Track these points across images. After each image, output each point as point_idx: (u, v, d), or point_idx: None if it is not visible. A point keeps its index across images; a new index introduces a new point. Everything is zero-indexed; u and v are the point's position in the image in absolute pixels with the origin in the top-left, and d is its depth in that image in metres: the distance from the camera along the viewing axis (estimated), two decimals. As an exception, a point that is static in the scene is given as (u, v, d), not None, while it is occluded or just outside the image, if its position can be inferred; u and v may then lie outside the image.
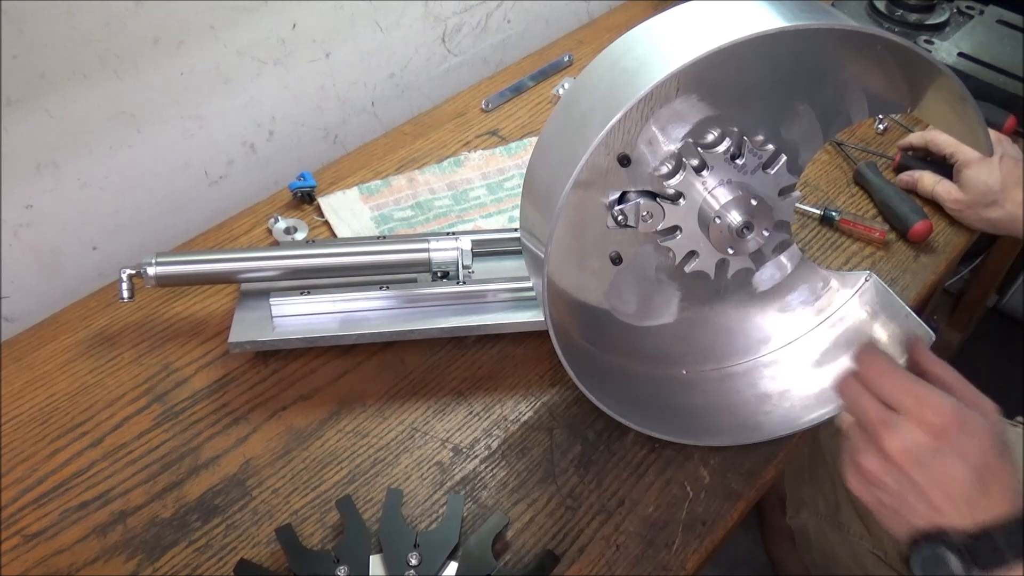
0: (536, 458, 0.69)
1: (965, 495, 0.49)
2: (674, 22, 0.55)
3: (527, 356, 0.76)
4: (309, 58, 0.95)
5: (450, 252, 0.75)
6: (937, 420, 0.49)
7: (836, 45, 0.59)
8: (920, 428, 0.49)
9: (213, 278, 0.76)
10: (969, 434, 0.49)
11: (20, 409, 0.72)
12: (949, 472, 0.49)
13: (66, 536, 0.63)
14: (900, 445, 0.50)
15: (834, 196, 0.93)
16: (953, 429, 0.49)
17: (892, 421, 0.51)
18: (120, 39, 0.77)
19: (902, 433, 0.50)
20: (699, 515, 0.65)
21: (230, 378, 0.74)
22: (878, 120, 1.02)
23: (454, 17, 1.08)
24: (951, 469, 0.49)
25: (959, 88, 0.56)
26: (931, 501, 0.50)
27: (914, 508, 0.50)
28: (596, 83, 0.56)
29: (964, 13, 1.13)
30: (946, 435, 0.49)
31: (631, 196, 0.62)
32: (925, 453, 0.49)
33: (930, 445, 0.49)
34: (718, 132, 0.61)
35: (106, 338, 0.78)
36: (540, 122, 1.03)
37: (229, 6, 0.84)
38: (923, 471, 0.49)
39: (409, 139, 1.01)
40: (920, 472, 0.49)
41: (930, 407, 0.50)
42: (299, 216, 0.89)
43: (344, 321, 0.74)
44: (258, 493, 0.66)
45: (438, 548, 0.60)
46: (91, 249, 0.86)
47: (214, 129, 0.90)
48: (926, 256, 0.86)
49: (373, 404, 0.72)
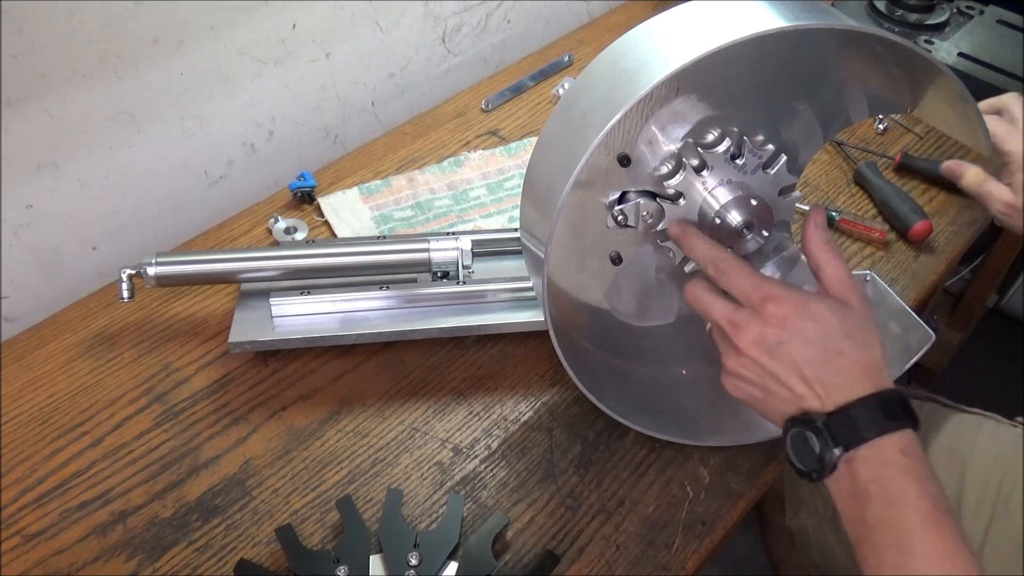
0: (536, 458, 0.69)
1: (818, 378, 0.52)
2: (674, 22, 0.55)
3: (527, 356, 0.76)
4: (309, 58, 0.95)
5: (450, 252, 0.75)
6: (778, 311, 0.52)
7: (836, 45, 0.59)
8: (763, 321, 0.53)
9: (213, 278, 0.76)
10: (812, 320, 0.52)
11: (20, 409, 0.72)
12: (798, 357, 0.52)
13: (66, 536, 0.63)
14: (748, 339, 0.53)
15: (834, 196, 0.93)
16: (794, 318, 0.52)
17: (738, 319, 0.54)
18: (120, 39, 0.77)
19: (748, 328, 0.54)
20: (699, 515, 0.65)
21: (230, 378, 0.74)
22: (878, 120, 1.02)
23: (454, 17, 1.08)
24: (799, 354, 0.52)
25: (959, 88, 0.56)
26: (790, 387, 0.53)
27: (778, 395, 0.54)
28: (596, 83, 0.56)
29: (964, 13, 1.13)
30: (787, 324, 0.52)
31: (631, 196, 0.62)
32: (772, 343, 0.53)
33: (775, 335, 0.52)
34: (718, 132, 0.61)
35: (106, 338, 0.78)
36: (540, 122, 1.03)
37: (229, 6, 0.84)
38: (775, 360, 0.53)
39: (409, 139, 1.01)
40: (772, 361, 0.53)
41: (770, 300, 0.53)
42: (299, 216, 0.89)
43: (344, 321, 0.74)
44: (258, 493, 0.66)
45: (438, 548, 0.60)
46: (91, 249, 0.86)
47: (214, 129, 0.90)
48: (926, 256, 0.86)
49: (373, 404, 0.73)
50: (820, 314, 0.53)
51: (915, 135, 1.01)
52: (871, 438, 0.50)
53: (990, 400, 0.89)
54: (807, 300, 0.53)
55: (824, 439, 0.51)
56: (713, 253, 0.57)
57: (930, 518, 0.49)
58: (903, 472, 0.50)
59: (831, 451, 0.51)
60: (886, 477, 0.50)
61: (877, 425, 0.51)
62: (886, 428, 0.51)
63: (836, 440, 0.51)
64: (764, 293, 0.53)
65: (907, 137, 1.01)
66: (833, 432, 0.51)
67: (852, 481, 0.51)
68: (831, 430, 0.51)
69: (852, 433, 0.51)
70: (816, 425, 0.52)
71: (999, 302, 1.81)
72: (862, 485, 0.50)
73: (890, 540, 0.49)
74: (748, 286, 0.54)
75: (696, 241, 0.59)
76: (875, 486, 0.50)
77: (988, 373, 1.71)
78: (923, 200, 0.91)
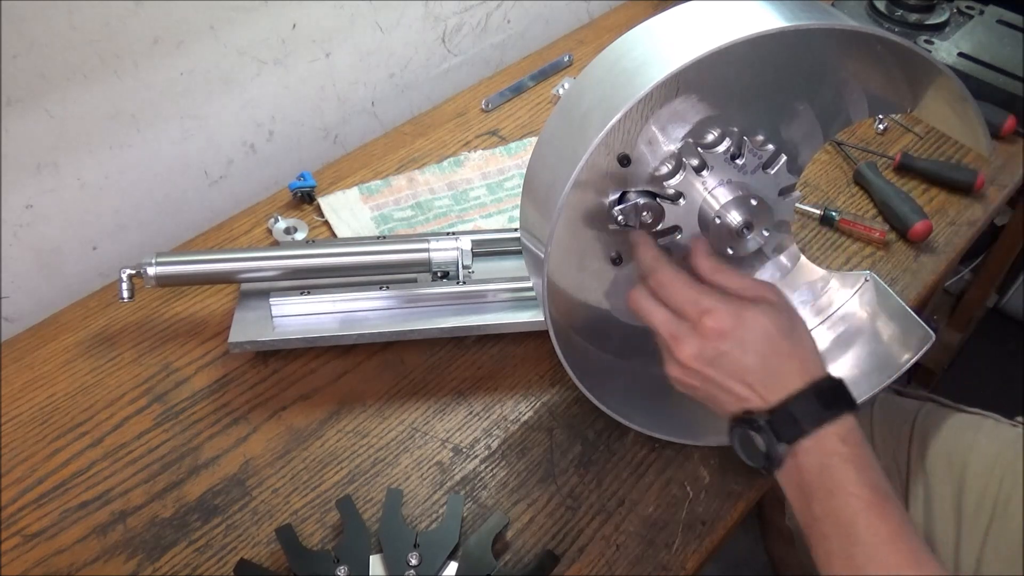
0: (536, 458, 0.69)
1: (759, 380, 0.54)
2: (674, 22, 0.55)
3: (527, 356, 0.76)
4: (309, 58, 0.95)
5: (450, 252, 0.75)
6: (715, 324, 0.54)
7: (836, 45, 0.59)
8: (702, 335, 0.55)
9: (213, 278, 0.76)
10: (750, 328, 0.54)
11: (20, 409, 0.72)
12: (738, 365, 0.54)
13: (66, 536, 0.63)
14: (688, 353, 0.55)
15: (834, 196, 0.93)
16: (732, 329, 0.54)
17: (679, 332, 0.56)
18: (120, 39, 0.77)
19: (689, 342, 0.55)
20: (699, 515, 0.65)
21: (230, 378, 0.74)
22: (878, 120, 1.02)
23: (454, 17, 1.08)
24: (739, 362, 0.54)
25: (959, 88, 0.56)
26: (733, 391, 0.55)
27: (723, 400, 0.56)
28: (596, 83, 0.56)
29: (964, 13, 1.13)
30: (725, 335, 0.54)
31: (631, 196, 0.62)
32: (712, 355, 0.55)
33: (714, 347, 0.54)
34: (718, 132, 0.61)
35: (106, 338, 0.78)
36: (540, 122, 1.03)
37: (229, 6, 0.84)
38: (716, 370, 0.55)
39: (409, 139, 1.01)
40: (714, 371, 0.55)
41: (708, 314, 0.54)
42: (299, 216, 0.89)
43: (344, 321, 0.74)
44: (258, 493, 0.66)
45: (438, 548, 0.60)
46: (91, 249, 0.86)
47: (214, 129, 0.90)
48: (926, 256, 0.86)
49: (373, 404, 0.72)
50: (756, 321, 0.54)
51: (915, 135, 1.01)
52: (812, 430, 0.52)
53: (990, 400, 0.89)
54: (742, 309, 0.55)
55: (768, 436, 0.53)
56: (655, 265, 0.58)
57: (872, 505, 0.50)
58: (843, 461, 0.51)
59: (776, 447, 0.53)
60: (827, 467, 0.52)
61: (816, 416, 0.52)
62: (825, 417, 0.52)
63: (780, 436, 0.53)
64: (701, 308, 0.55)
65: (907, 137, 1.01)
66: (776, 429, 0.53)
67: (797, 473, 0.53)
68: (774, 427, 0.53)
69: (794, 428, 0.52)
70: (759, 424, 0.53)
71: (999, 302, 1.81)
72: (806, 477, 0.52)
73: (836, 529, 0.51)
74: (685, 300, 0.56)
75: (643, 251, 0.60)
76: (818, 477, 0.52)
77: (988, 373, 1.71)
78: (923, 200, 0.91)
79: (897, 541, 0.49)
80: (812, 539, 0.53)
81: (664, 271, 0.57)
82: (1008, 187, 0.94)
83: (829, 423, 0.52)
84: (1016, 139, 0.99)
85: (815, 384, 0.53)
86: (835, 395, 0.54)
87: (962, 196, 0.92)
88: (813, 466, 0.52)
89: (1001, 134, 0.98)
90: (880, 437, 0.83)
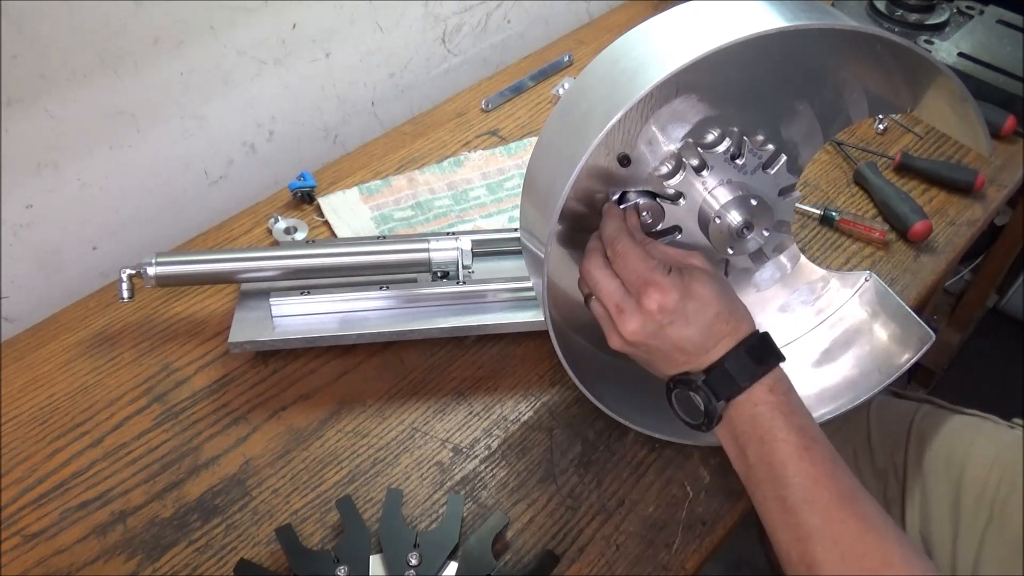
0: (536, 458, 0.69)
1: (700, 346, 0.56)
2: (674, 22, 0.55)
3: (527, 356, 0.76)
4: (309, 58, 0.95)
5: (450, 252, 0.75)
6: (659, 298, 0.55)
7: (836, 45, 0.59)
8: (646, 309, 0.55)
9: (213, 278, 0.76)
10: (692, 299, 0.55)
11: (20, 409, 0.72)
12: (680, 335, 0.56)
13: (66, 536, 0.63)
14: (631, 327, 0.56)
15: (834, 196, 0.93)
16: (675, 302, 0.55)
17: (623, 305, 0.57)
18: (120, 39, 0.77)
19: (632, 316, 0.56)
20: (699, 515, 0.65)
21: (230, 378, 0.74)
22: (878, 120, 1.02)
23: (454, 17, 1.08)
24: (681, 333, 0.55)
25: (959, 88, 0.56)
26: (674, 360, 0.57)
27: (661, 366, 0.58)
28: (596, 83, 0.56)
29: (964, 13, 1.13)
30: (668, 309, 0.55)
31: (631, 196, 0.62)
32: (655, 329, 0.56)
33: (657, 321, 0.55)
34: (718, 132, 0.61)
35: (106, 338, 0.78)
36: (540, 122, 1.03)
37: (229, 6, 0.84)
38: (659, 341, 0.56)
39: (409, 139, 1.01)
40: (657, 342, 0.56)
41: (654, 286, 0.55)
42: (299, 216, 0.89)
43: (344, 321, 0.74)
44: (258, 493, 0.66)
45: (438, 548, 0.60)
46: (91, 249, 0.86)
47: (214, 129, 0.90)
48: (926, 256, 0.86)
49: (373, 404, 0.72)
50: (699, 292, 0.56)
51: (915, 135, 1.01)
52: (748, 386, 0.54)
53: (990, 400, 0.89)
54: (688, 282, 0.56)
55: (706, 395, 0.55)
56: (616, 235, 0.58)
57: (800, 447, 0.52)
58: (771, 409, 0.54)
59: (714, 405, 0.55)
60: (757, 416, 0.54)
61: (750, 372, 0.55)
62: (758, 373, 0.55)
63: (718, 395, 0.55)
64: (647, 279, 0.55)
65: (907, 137, 1.01)
66: (713, 387, 0.55)
67: (730, 426, 0.56)
68: (710, 385, 0.55)
69: (730, 385, 0.55)
70: (696, 384, 0.56)
71: (999, 302, 1.81)
72: (738, 427, 0.55)
73: (768, 474, 0.53)
74: (636, 272, 0.56)
75: (609, 221, 0.60)
76: (748, 426, 0.54)
77: (988, 373, 1.71)
78: (923, 200, 0.91)
79: (827, 480, 0.51)
80: (749, 487, 0.55)
81: (624, 241, 0.58)
82: (1008, 187, 0.94)
83: (762, 377, 0.54)
84: (1016, 139, 0.99)
85: (745, 340, 0.55)
86: (764, 349, 0.56)
87: (962, 196, 0.92)
88: (744, 417, 0.54)
89: (1001, 134, 0.98)
90: (878, 439, 0.83)
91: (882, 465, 0.82)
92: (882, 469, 0.81)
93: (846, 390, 0.68)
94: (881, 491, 0.81)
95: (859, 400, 0.67)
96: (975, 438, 0.78)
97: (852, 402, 0.67)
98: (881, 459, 0.82)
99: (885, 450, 0.82)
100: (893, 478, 0.81)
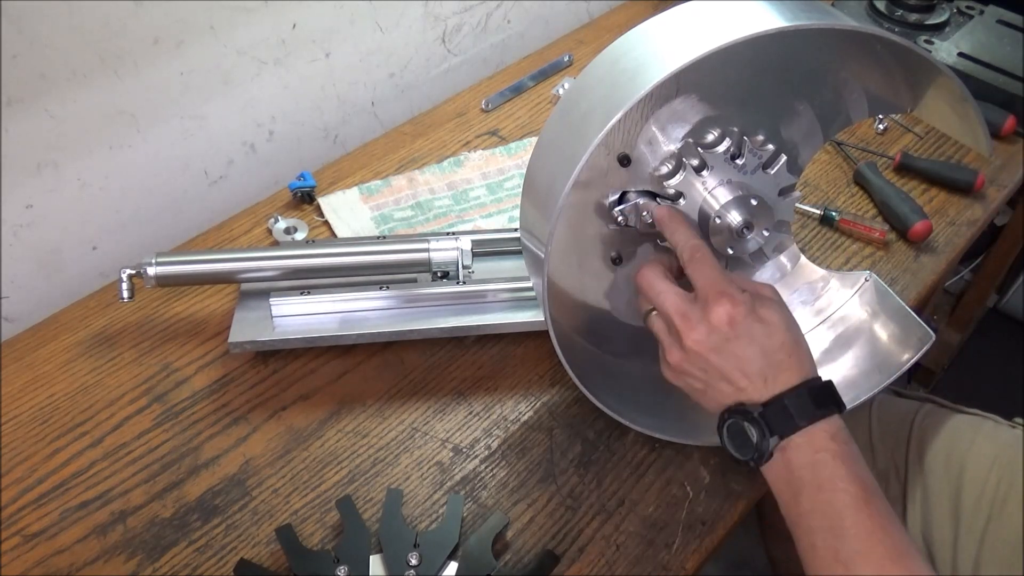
0: (536, 458, 0.69)
1: (760, 372, 0.54)
2: (674, 22, 0.55)
3: (527, 356, 0.76)
4: (309, 58, 0.95)
5: (450, 252, 0.75)
6: (731, 309, 0.54)
7: (836, 45, 0.59)
8: (715, 318, 0.54)
9: (213, 278, 0.76)
10: (761, 321, 0.54)
11: (20, 409, 0.72)
12: (743, 355, 0.54)
13: (66, 536, 0.63)
14: (696, 336, 0.55)
15: (834, 196, 0.93)
16: (744, 318, 0.54)
17: (690, 314, 0.56)
18: (120, 39, 0.77)
19: (699, 325, 0.55)
20: (699, 515, 0.65)
21: (230, 378, 0.74)
22: (878, 120, 1.02)
23: (454, 17, 1.08)
24: (744, 352, 0.54)
25: (959, 88, 0.56)
26: (732, 381, 0.55)
27: (720, 389, 0.56)
28: (596, 83, 0.56)
29: (964, 13, 1.13)
30: (737, 323, 0.54)
31: (631, 196, 0.62)
32: (720, 341, 0.55)
33: (724, 333, 0.54)
34: (718, 132, 0.61)
35: (106, 338, 0.78)
36: (540, 122, 1.03)
37: (229, 6, 0.84)
38: (720, 357, 0.55)
39: (409, 139, 1.01)
40: (718, 357, 0.55)
41: (727, 297, 0.54)
42: (299, 216, 0.89)
43: (344, 321, 0.74)
44: (258, 493, 0.66)
45: (438, 548, 0.60)
46: (91, 249, 0.86)
47: (214, 129, 0.90)
48: (926, 256, 0.86)
49: (373, 404, 0.72)
50: (767, 314, 0.55)
51: (915, 135, 1.01)
52: (804, 426, 0.53)
53: (990, 400, 0.89)
54: (756, 302, 0.55)
55: (761, 428, 0.54)
56: (695, 241, 0.58)
57: (860, 500, 0.51)
58: (834, 457, 0.52)
59: (767, 440, 0.53)
60: (818, 463, 0.52)
61: (809, 413, 0.53)
62: (817, 416, 0.53)
63: (772, 429, 0.53)
64: (721, 289, 0.55)
65: (907, 137, 1.01)
66: (769, 422, 0.54)
67: (787, 468, 0.54)
68: (767, 420, 0.54)
69: (787, 422, 0.53)
70: (753, 416, 0.54)
71: (999, 302, 1.81)
72: (796, 472, 0.53)
73: (823, 523, 0.52)
74: (710, 279, 0.55)
75: (681, 227, 0.60)
76: (808, 472, 0.53)
77: (988, 373, 1.71)
78: (923, 200, 0.91)
79: (882, 535, 0.50)
80: (798, 533, 0.54)
81: (704, 248, 0.57)
82: (1008, 187, 0.94)
83: (820, 421, 0.53)
84: (1016, 139, 0.99)
85: (809, 382, 0.54)
86: (826, 394, 0.55)
87: (962, 196, 0.92)
88: (804, 462, 0.53)
89: (1001, 134, 0.98)
90: (879, 438, 0.83)
91: (883, 465, 0.82)
92: (883, 469, 0.81)
93: (846, 390, 0.68)
94: (883, 492, 0.81)
95: (859, 400, 0.67)
96: (975, 437, 0.78)
97: (852, 402, 0.67)
98: (882, 459, 0.82)
99: (886, 450, 0.82)
100: (894, 478, 0.81)
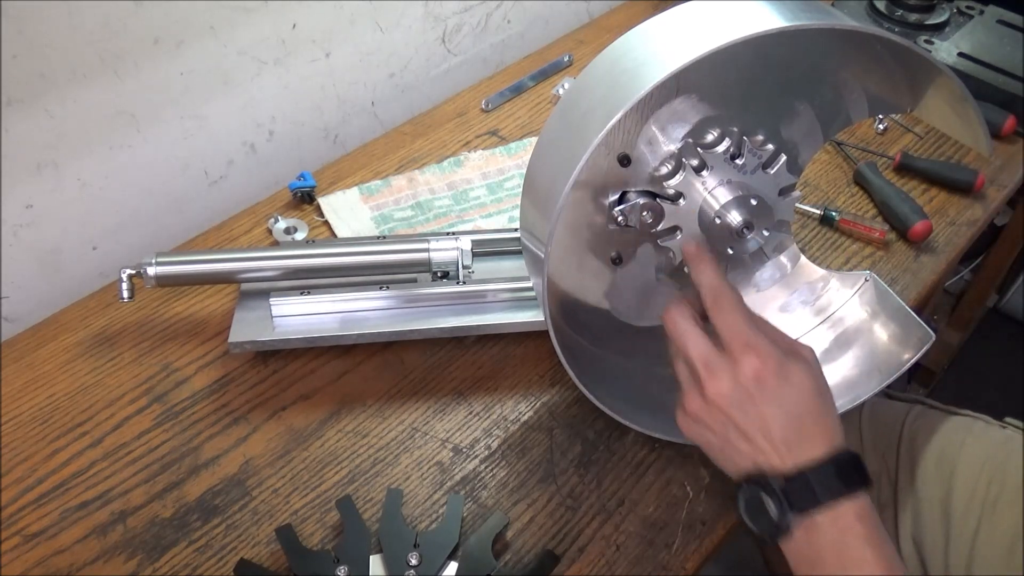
0: (536, 458, 0.69)
1: (783, 438, 0.51)
2: (674, 22, 0.55)
3: (527, 356, 0.76)
4: (309, 58, 0.95)
5: (450, 252, 0.75)
6: (758, 365, 0.51)
7: (836, 45, 0.59)
8: (741, 373, 0.51)
9: (213, 278, 0.76)
10: (789, 383, 0.51)
11: (20, 409, 0.72)
12: (767, 416, 0.51)
13: (66, 536, 0.63)
14: (719, 388, 0.52)
15: (834, 196, 0.93)
16: (772, 376, 0.51)
17: (714, 364, 0.52)
18: (120, 39, 0.77)
19: (723, 377, 0.51)
20: (699, 515, 0.65)
21: (230, 378, 0.74)
22: (878, 120, 1.02)
23: (454, 17, 1.08)
24: (768, 413, 0.51)
25: (959, 88, 0.56)
26: (752, 441, 0.51)
27: (737, 448, 0.52)
28: (596, 83, 0.56)
29: (964, 13, 1.13)
30: (764, 381, 0.50)
31: (631, 196, 0.62)
32: (743, 398, 0.51)
33: (749, 389, 0.51)
34: (718, 132, 0.61)
35: (106, 338, 0.78)
36: (540, 122, 1.03)
37: (229, 6, 0.84)
38: (742, 414, 0.51)
39: (409, 139, 1.01)
40: (740, 414, 0.51)
41: (755, 352, 0.51)
42: (299, 216, 0.89)
43: (344, 321, 0.74)
44: (258, 493, 0.66)
45: (438, 548, 0.60)
46: (91, 249, 0.86)
47: (214, 129, 0.90)
48: (926, 256, 0.86)
49: (373, 404, 0.72)
50: (797, 376, 0.52)
51: (915, 135, 1.01)
52: (827, 503, 0.50)
53: (990, 400, 0.89)
54: (787, 360, 0.52)
55: (781, 503, 0.50)
56: (719, 284, 0.55)
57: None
58: (860, 540, 0.49)
59: (787, 516, 0.50)
60: (844, 544, 0.49)
61: (834, 490, 0.50)
62: (842, 493, 0.50)
63: (793, 505, 0.50)
64: (749, 341, 0.51)
65: (907, 137, 1.01)
66: (790, 497, 0.50)
67: (808, 545, 0.50)
68: (788, 494, 0.50)
69: (809, 498, 0.50)
70: (773, 488, 0.51)
71: (999, 302, 1.81)
72: (818, 551, 0.50)
73: None
74: (737, 330, 0.52)
75: (707, 267, 0.56)
76: (832, 553, 0.49)
77: (988, 373, 1.71)
78: (923, 200, 0.91)
79: None
80: None
81: (729, 294, 0.54)
82: (1008, 187, 0.94)
83: (845, 498, 0.50)
84: (1016, 139, 0.99)
85: (836, 456, 0.51)
86: (854, 470, 0.51)
87: (962, 196, 0.92)
88: (829, 542, 0.50)
89: (1001, 134, 0.98)
90: (869, 440, 0.83)
91: (874, 468, 0.81)
92: (874, 471, 0.81)
93: (846, 390, 0.68)
94: (874, 496, 0.81)
95: (859, 400, 0.67)
96: (966, 439, 0.78)
97: (852, 402, 0.67)
98: (873, 462, 0.81)
99: (877, 453, 0.81)
100: (885, 480, 0.80)
